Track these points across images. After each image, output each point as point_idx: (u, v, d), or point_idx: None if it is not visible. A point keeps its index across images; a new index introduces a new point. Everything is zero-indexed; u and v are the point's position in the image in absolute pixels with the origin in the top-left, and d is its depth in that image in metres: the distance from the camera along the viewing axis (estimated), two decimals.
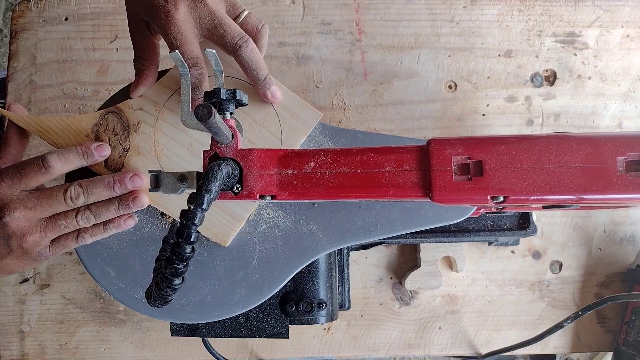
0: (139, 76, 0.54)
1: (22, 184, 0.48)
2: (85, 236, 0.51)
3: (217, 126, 0.38)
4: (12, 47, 0.78)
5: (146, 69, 0.54)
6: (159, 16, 0.49)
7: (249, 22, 0.53)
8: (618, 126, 0.76)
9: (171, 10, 0.49)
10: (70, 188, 0.49)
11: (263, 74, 0.53)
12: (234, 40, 0.50)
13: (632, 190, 0.38)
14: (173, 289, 0.37)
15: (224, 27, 0.50)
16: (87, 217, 0.50)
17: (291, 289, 0.59)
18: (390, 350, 0.73)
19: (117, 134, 0.55)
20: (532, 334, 0.71)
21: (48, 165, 0.48)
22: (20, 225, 0.48)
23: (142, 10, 0.51)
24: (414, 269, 0.71)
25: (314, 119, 0.56)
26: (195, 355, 0.71)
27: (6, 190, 0.48)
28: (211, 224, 0.55)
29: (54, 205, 0.49)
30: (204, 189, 0.36)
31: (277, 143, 0.56)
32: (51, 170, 0.48)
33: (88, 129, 0.54)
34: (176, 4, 0.49)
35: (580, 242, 0.74)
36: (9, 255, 0.49)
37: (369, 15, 0.78)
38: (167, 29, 0.49)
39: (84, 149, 0.51)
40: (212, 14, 0.50)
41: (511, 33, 0.77)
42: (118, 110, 0.55)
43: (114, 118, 0.55)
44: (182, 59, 0.48)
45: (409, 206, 0.56)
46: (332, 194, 0.43)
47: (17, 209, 0.48)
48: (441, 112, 0.76)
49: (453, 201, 0.40)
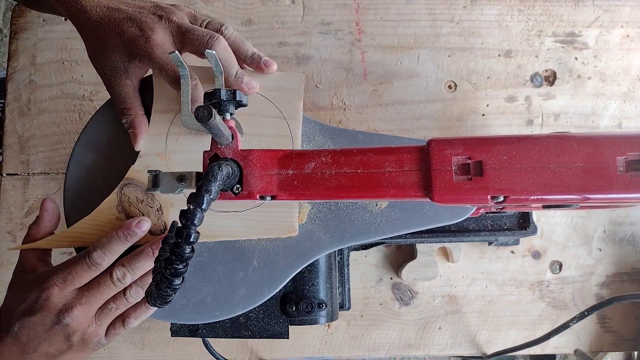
0: (134, 128, 0.55)
1: (74, 284, 0.49)
2: (131, 320, 0.52)
3: (217, 127, 0.38)
4: (11, 47, 0.78)
5: (136, 117, 0.55)
6: (140, 45, 0.51)
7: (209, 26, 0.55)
8: (618, 126, 0.76)
9: (150, 35, 0.51)
10: (115, 271, 0.50)
11: (234, 71, 0.54)
12: (204, 39, 0.51)
13: (632, 189, 0.38)
14: (173, 289, 0.37)
15: (192, 32, 0.52)
16: (135, 291, 0.51)
17: (291, 289, 0.59)
18: (390, 351, 0.72)
19: (142, 200, 0.54)
20: (532, 334, 0.71)
21: (96, 263, 0.50)
22: (79, 322, 0.49)
23: (118, 56, 0.52)
24: (410, 260, 0.71)
25: (299, 81, 0.57)
26: (195, 355, 0.71)
27: (60, 294, 0.49)
28: (273, 223, 0.55)
29: (105, 292, 0.50)
30: (204, 189, 0.36)
31: (281, 122, 0.56)
32: (100, 267, 0.50)
33: (114, 212, 0.54)
34: (152, 28, 0.51)
35: (580, 242, 0.74)
36: (69, 350, 0.50)
37: (368, 15, 0.78)
38: (151, 52, 0.51)
39: (124, 232, 0.51)
40: (180, 26, 0.52)
41: (511, 33, 0.77)
42: (130, 180, 0.55)
43: (130, 188, 0.55)
44: (181, 60, 0.48)
45: (409, 206, 0.56)
46: (333, 194, 0.43)
47: (74, 307, 0.49)
48: (441, 112, 0.76)
49: (453, 201, 0.40)
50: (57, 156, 0.75)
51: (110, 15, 0.52)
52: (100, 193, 0.57)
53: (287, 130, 0.56)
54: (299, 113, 0.56)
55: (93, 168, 0.57)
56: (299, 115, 0.57)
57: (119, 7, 0.53)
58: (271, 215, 0.55)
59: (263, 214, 0.55)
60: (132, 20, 0.52)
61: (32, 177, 0.75)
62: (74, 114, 0.76)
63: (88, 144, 0.58)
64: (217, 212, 0.54)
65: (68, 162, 0.57)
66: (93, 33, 0.53)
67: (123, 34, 0.51)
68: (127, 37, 0.51)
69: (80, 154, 0.58)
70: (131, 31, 0.51)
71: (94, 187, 0.57)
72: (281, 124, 0.56)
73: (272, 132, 0.56)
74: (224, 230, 0.54)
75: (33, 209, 0.74)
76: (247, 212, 0.55)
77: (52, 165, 0.75)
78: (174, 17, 0.53)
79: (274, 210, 0.55)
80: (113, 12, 0.52)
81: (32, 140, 0.75)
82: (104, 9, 0.53)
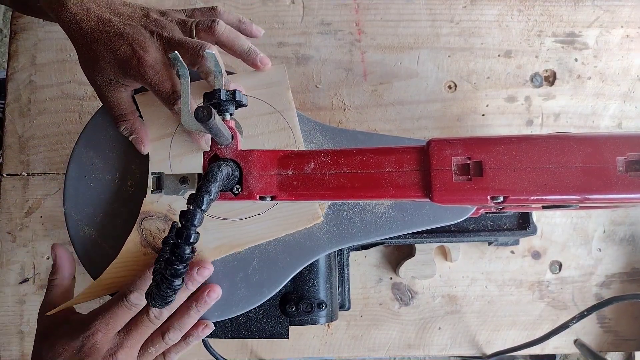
0: (136, 132, 0.55)
1: (116, 327, 0.50)
2: (172, 355, 0.53)
3: (217, 127, 0.38)
4: (11, 47, 0.78)
5: (136, 121, 0.55)
6: (132, 66, 0.50)
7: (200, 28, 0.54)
8: (618, 126, 0.76)
9: (142, 55, 0.50)
10: (151, 309, 0.50)
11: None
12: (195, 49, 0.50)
13: (632, 190, 0.38)
14: (173, 290, 0.37)
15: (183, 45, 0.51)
16: (173, 334, 0.52)
17: (291, 290, 0.59)
18: (390, 351, 0.73)
19: (164, 229, 0.55)
20: (532, 334, 0.71)
21: (135, 304, 0.50)
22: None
23: (111, 71, 0.52)
24: (408, 257, 0.71)
25: (283, 72, 0.57)
26: (195, 355, 0.71)
27: (104, 339, 0.49)
28: (297, 216, 0.55)
29: (145, 332, 0.51)
30: (203, 190, 0.36)
31: (277, 116, 0.56)
32: (138, 307, 0.50)
33: (140, 249, 0.54)
34: (144, 48, 0.50)
35: (580, 242, 0.74)
36: None
37: (368, 15, 0.78)
38: (144, 74, 0.50)
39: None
40: (170, 40, 0.51)
41: (511, 33, 0.77)
42: (146, 213, 0.55)
43: (149, 221, 0.54)
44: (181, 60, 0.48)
45: (409, 206, 0.56)
46: (332, 195, 0.43)
47: (118, 352, 0.49)
48: (441, 113, 0.76)
49: (453, 201, 0.40)
50: (57, 156, 0.75)
51: (102, 29, 0.51)
52: (101, 193, 0.57)
53: (284, 123, 0.56)
54: (290, 103, 0.57)
55: (93, 168, 0.57)
56: (291, 104, 0.57)
57: (109, 18, 0.51)
58: (292, 208, 0.55)
59: (285, 210, 0.55)
60: (123, 37, 0.51)
61: (32, 177, 0.75)
62: (74, 114, 0.76)
63: (88, 144, 0.58)
64: (239, 220, 0.55)
65: (68, 162, 0.57)
66: (85, 44, 0.52)
67: (115, 51, 0.51)
68: (119, 56, 0.51)
69: (80, 154, 0.58)
70: (123, 50, 0.50)
71: (94, 187, 0.57)
72: (277, 119, 0.56)
73: (270, 128, 0.57)
74: (251, 235, 0.55)
75: (33, 209, 0.74)
76: (268, 212, 0.55)
77: (52, 166, 0.75)
78: (164, 32, 0.52)
79: (294, 202, 0.55)
80: (104, 24, 0.51)
81: (32, 141, 0.75)
82: (94, 19, 0.51)
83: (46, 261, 0.73)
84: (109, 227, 0.56)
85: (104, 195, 0.57)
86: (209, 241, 0.54)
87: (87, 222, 0.56)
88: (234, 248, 0.54)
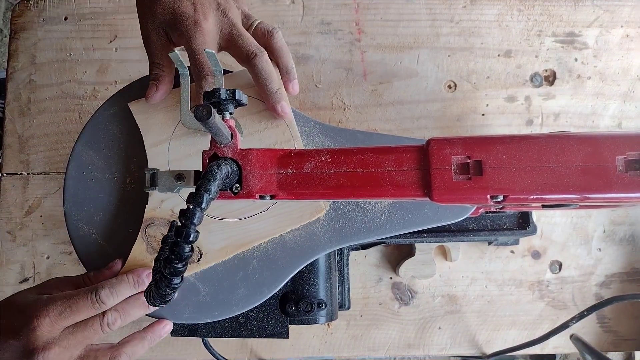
0: (159, 81, 0.54)
1: (70, 319, 0.46)
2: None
3: (216, 126, 0.38)
4: (11, 47, 0.78)
5: (166, 75, 0.55)
6: (186, 24, 0.50)
7: (260, 27, 0.55)
8: (618, 126, 0.76)
9: (200, 20, 0.50)
10: (108, 314, 0.47)
11: (275, 87, 0.53)
12: (250, 49, 0.51)
13: (631, 189, 0.38)
14: (172, 289, 0.37)
15: (242, 38, 0.51)
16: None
17: (291, 289, 0.59)
18: (389, 350, 0.72)
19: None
20: (532, 334, 0.71)
21: (102, 302, 0.47)
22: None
23: (165, 18, 0.51)
24: (408, 257, 0.71)
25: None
26: (195, 355, 0.71)
27: (48, 328, 0.44)
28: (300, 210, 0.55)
29: (90, 336, 0.47)
30: (203, 189, 0.36)
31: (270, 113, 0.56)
32: (104, 306, 0.47)
33: (147, 256, 0.54)
34: (205, 14, 0.50)
35: (580, 242, 0.74)
36: None
37: (368, 15, 0.78)
38: (192, 35, 0.50)
39: (135, 277, 0.50)
40: (232, 25, 0.52)
41: (511, 33, 0.77)
42: (150, 220, 0.54)
43: (153, 227, 0.54)
44: (181, 60, 0.48)
45: (409, 206, 0.56)
46: (332, 194, 0.43)
47: (52, 348, 0.44)
48: (441, 112, 0.76)
49: (453, 200, 0.40)
50: (57, 156, 0.75)
51: None
52: (100, 192, 0.57)
53: (280, 119, 0.56)
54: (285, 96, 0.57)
55: (93, 168, 0.57)
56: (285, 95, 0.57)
57: None
58: (295, 203, 0.55)
59: (287, 205, 0.55)
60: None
61: (31, 176, 0.75)
62: (73, 113, 0.76)
63: (88, 144, 0.58)
64: (242, 219, 0.55)
65: (68, 161, 0.57)
66: None
67: (178, 2, 0.50)
68: (179, 9, 0.50)
69: (80, 153, 0.58)
70: (185, 5, 0.50)
71: (93, 187, 0.57)
72: (270, 115, 0.56)
73: (265, 125, 0.57)
74: (256, 234, 0.55)
75: (33, 208, 0.74)
76: (271, 210, 0.55)
77: (51, 165, 0.75)
78: (230, 13, 0.52)
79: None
80: None
81: (32, 140, 0.75)
82: None
83: (46, 260, 0.73)
84: (109, 226, 0.56)
85: (103, 194, 0.57)
86: (214, 243, 0.54)
87: (87, 222, 0.56)
88: (240, 248, 0.54)
